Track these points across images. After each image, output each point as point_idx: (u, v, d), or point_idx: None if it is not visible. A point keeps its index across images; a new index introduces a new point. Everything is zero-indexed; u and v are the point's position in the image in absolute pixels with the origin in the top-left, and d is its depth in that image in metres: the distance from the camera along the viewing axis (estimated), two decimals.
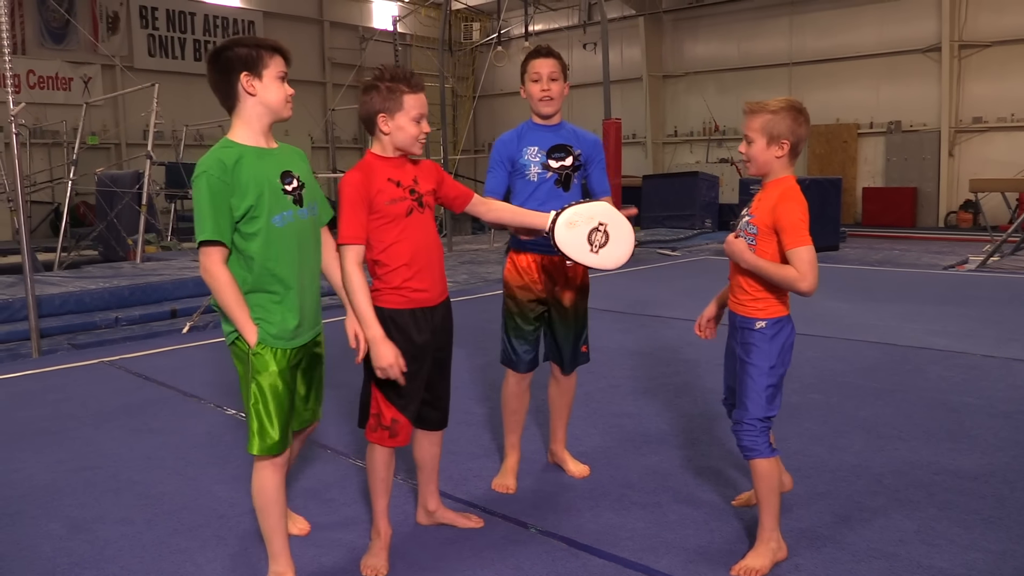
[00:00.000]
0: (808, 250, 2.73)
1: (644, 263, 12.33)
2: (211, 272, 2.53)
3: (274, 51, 2.61)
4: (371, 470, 2.97)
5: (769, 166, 2.84)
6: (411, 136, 2.81)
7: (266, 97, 2.60)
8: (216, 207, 2.49)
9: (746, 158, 2.89)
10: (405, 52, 24.38)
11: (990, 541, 3.07)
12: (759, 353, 2.88)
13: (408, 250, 2.82)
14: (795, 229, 2.73)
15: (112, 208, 12.21)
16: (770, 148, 2.81)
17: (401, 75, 2.81)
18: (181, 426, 4.60)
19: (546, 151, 3.50)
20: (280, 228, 2.59)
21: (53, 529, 3.30)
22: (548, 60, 3.47)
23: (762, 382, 2.86)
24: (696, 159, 23.05)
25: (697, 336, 3.42)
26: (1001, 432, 4.27)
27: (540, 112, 3.51)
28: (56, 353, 6.60)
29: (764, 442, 2.87)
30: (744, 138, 2.88)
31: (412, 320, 2.86)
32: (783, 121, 2.78)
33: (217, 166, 2.50)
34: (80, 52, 19.33)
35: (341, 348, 2.81)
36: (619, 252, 3.09)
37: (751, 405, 2.87)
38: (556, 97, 3.47)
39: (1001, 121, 18.38)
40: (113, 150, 20.19)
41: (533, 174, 3.48)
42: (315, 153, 23.06)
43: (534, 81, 3.47)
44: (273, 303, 2.61)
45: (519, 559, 2.99)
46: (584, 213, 3.04)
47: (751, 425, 2.87)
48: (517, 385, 3.65)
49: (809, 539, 3.11)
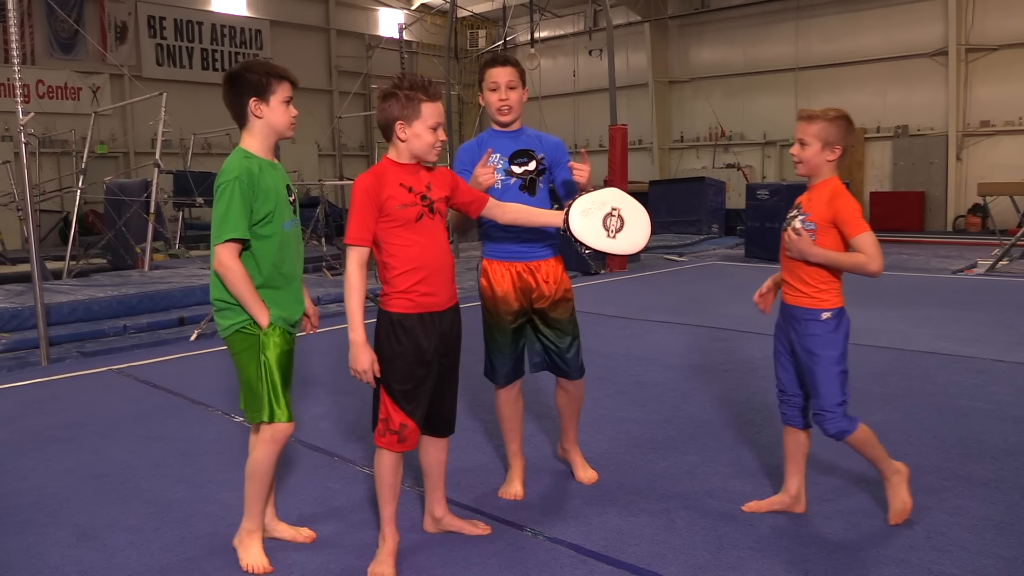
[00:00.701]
0: (871, 235, 3.02)
1: (651, 268, 12.32)
2: (228, 264, 2.82)
3: (282, 78, 2.92)
4: (378, 476, 2.97)
5: (820, 168, 3.12)
6: (427, 144, 2.86)
7: (272, 120, 2.93)
8: (244, 208, 2.81)
9: (798, 159, 3.15)
10: (411, 60, 24.49)
11: (1001, 547, 3.05)
12: (827, 342, 3.11)
13: (417, 255, 2.84)
14: (855, 219, 3.01)
15: (120, 216, 12.26)
16: (823, 152, 3.09)
17: (420, 84, 2.86)
18: (189, 434, 4.61)
19: (508, 157, 3.51)
20: (288, 233, 2.97)
21: (61, 537, 3.31)
22: (505, 69, 3.46)
23: (834, 370, 3.10)
24: (703, 164, 23.01)
25: (702, 343, 3.42)
26: (1011, 437, 4.25)
27: (498, 121, 3.52)
28: (65, 361, 6.62)
29: (847, 422, 3.12)
30: (798, 142, 3.13)
31: (420, 324, 2.86)
32: (838, 129, 3.07)
33: (247, 173, 2.83)
34: (89, 62, 19.43)
35: (347, 354, 2.82)
36: (636, 235, 3.11)
37: (827, 393, 3.10)
38: (515, 105, 3.47)
39: (1009, 125, 18.31)
40: (121, 159, 20.27)
41: (497, 180, 3.46)
42: (322, 161, 23.12)
43: (492, 90, 3.47)
44: (280, 296, 2.95)
45: (526, 566, 2.99)
46: (596, 200, 3.07)
47: (832, 412, 3.11)
48: (505, 395, 3.64)
49: (819, 545, 3.10)
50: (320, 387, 5.49)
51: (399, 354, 2.86)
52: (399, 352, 2.86)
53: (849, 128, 3.11)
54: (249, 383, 2.94)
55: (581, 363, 3.66)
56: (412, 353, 2.85)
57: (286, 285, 2.97)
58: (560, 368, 3.63)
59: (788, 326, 3.23)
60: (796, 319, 3.17)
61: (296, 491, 3.74)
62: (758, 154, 22.26)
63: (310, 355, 6.29)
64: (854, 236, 3.01)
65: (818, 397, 3.13)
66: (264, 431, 2.97)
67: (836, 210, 3.03)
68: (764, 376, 5.62)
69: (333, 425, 4.72)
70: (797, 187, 13.48)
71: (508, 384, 3.60)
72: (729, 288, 10.22)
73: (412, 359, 2.86)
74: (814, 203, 3.12)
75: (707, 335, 7.01)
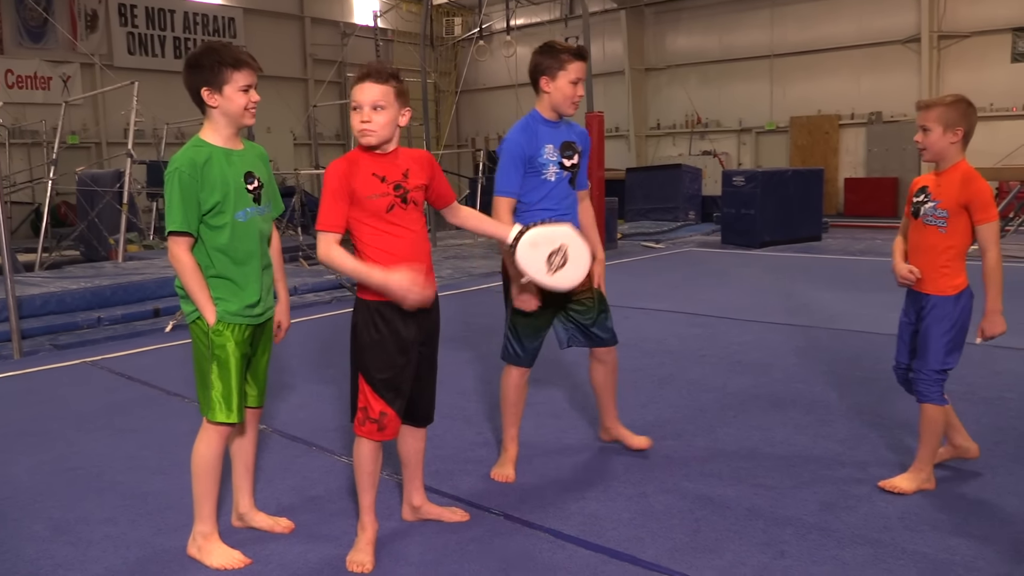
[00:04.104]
0: (996, 225, 3.22)
1: (628, 255, 12.35)
2: (178, 258, 2.82)
3: (235, 66, 2.80)
4: (357, 465, 2.96)
5: (946, 152, 3.24)
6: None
7: (226, 108, 2.84)
8: (186, 201, 2.77)
9: (922, 146, 3.27)
10: (387, 47, 24.31)
11: (972, 526, 3.10)
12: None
13: (389, 244, 2.81)
14: (989, 205, 3.17)
15: (93, 208, 12.09)
16: (946, 135, 3.21)
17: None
18: (164, 425, 4.57)
19: (559, 149, 3.47)
20: (243, 223, 2.88)
21: (36, 531, 3.27)
22: (585, 64, 3.47)
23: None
24: (679, 152, 23.05)
25: (679, 329, 3.48)
26: (983, 419, 4.31)
27: (565, 114, 3.51)
28: (38, 354, 6.54)
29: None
30: (920, 129, 3.26)
31: (398, 312, 2.84)
32: (957, 111, 3.20)
33: (189, 164, 2.77)
34: (59, 51, 19.11)
35: (322, 345, 2.81)
36: (574, 275, 3.11)
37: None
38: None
39: (980, 111, 18.02)
40: (93, 149, 19.99)
41: (551, 173, 3.44)
42: (297, 150, 22.94)
43: (572, 83, 3.44)
44: (234, 286, 2.89)
45: (505, 552, 3.00)
46: (547, 235, 3.05)
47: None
48: (520, 378, 3.65)
49: (795, 527, 3.13)
50: (297, 376, 5.46)
51: (377, 342, 2.84)
52: (377, 340, 2.84)
53: (968, 110, 3.23)
54: (201, 374, 2.92)
55: (613, 330, 3.73)
56: (391, 341, 2.84)
57: (243, 276, 2.90)
58: (595, 338, 3.67)
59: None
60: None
61: (273, 481, 3.72)
62: (734, 141, 22.34)
63: (287, 345, 6.24)
64: (982, 223, 3.17)
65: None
66: (206, 426, 2.94)
67: (971, 195, 3.17)
68: (740, 361, 5.67)
69: (310, 414, 4.71)
70: (772, 174, 13.65)
71: (527, 367, 3.62)
72: (706, 274, 10.27)
73: (392, 347, 2.84)
74: (944, 187, 3.24)
75: (684, 321, 7.04)
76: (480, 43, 19.87)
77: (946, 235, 3.25)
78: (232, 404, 2.89)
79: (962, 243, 3.28)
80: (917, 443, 3.47)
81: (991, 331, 3.31)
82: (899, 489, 3.36)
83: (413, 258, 2.84)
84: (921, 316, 3.37)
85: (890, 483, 3.40)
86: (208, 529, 2.99)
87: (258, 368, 3.09)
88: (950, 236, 3.25)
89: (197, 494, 2.97)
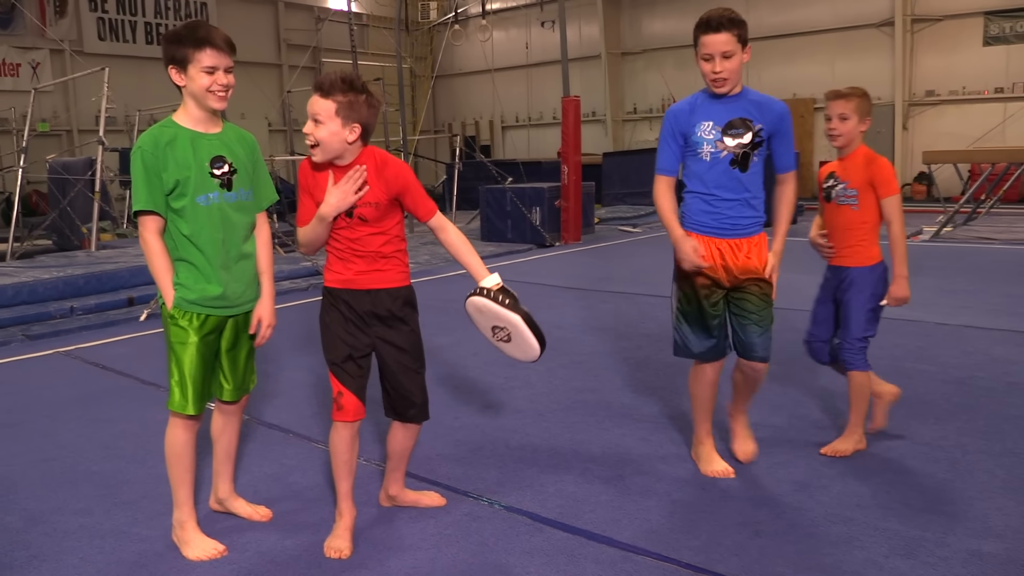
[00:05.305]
0: (898, 198, 3.53)
1: (605, 240, 12.37)
2: (145, 240, 2.82)
3: (199, 46, 2.74)
4: (333, 451, 2.96)
5: (855, 138, 3.56)
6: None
7: (191, 89, 2.79)
8: (150, 180, 2.75)
9: (838, 132, 3.54)
10: (361, 32, 24.10)
11: (944, 504, 3.15)
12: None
13: (336, 245, 2.89)
14: (890, 181, 3.50)
15: (65, 196, 11.94)
16: (860, 124, 3.54)
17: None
18: (139, 415, 4.54)
19: (722, 127, 3.24)
20: (204, 207, 2.80)
21: (10, 522, 3.25)
22: (719, 36, 3.14)
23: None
24: (656, 136, 22.94)
25: (656, 312, 3.54)
26: (954, 398, 4.37)
27: (714, 92, 3.26)
28: (10, 345, 6.46)
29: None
30: (837, 117, 3.53)
31: (350, 297, 2.89)
32: (868, 103, 3.56)
33: (151, 143, 2.75)
34: (27, 37, 18.78)
35: (300, 332, 2.80)
36: (516, 354, 2.94)
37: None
38: (730, 76, 3.17)
39: (953, 94, 18.64)
40: (64, 137, 19.70)
41: (706, 153, 3.24)
42: (272, 137, 22.73)
43: (705, 60, 3.20)
44: (194, 273, 2.83)
45: (483, 535, 3.01)
46: (495, 313, 2.84)
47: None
48: (711, 375, 3.49)
49: (769, 506, 3.17)
50: (274, 364, 5.44)
51: (327, 324, 2.93)
52: (327, 322, 2.93)
53: (870, 103, 3.60)
54: (168, 361, 2.91)
55: (768, 346, 3.44)
56: (339, 324, 2.89)
57: (205, 263, 2.82)
58: (747, 345, 3.42)
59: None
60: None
61: (251, 468, 3.71)
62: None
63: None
64: (886, 197, 3.49)
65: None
66: (171, 416, 2.92)
67: (873, 173, 3.49)
68: None
69: (288, 402, 4.69)
70: None
71: (707, 362, 3.46)
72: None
73: (340, 329, 2.89)
74: (850, 170, 3.57)
75: (661, 305, 7.05)
76: (455, 27, 19.78)
77: (859, 211, 3.55)
78: (188, 394, 2.85)
79: (873, 219, 3.57)
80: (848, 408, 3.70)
81: (898, 294, 3.58)
82: (839, 452, 3.63)
83: (363, 255, 2.86)
84: (843, 288, 3.64)
85: (831, 448, 3.66)
86: (184, 516, 2.97)
87: (236, 361, 3.01)
88: (863, 212, 3.55)
89: (171, 481, 2.98)
